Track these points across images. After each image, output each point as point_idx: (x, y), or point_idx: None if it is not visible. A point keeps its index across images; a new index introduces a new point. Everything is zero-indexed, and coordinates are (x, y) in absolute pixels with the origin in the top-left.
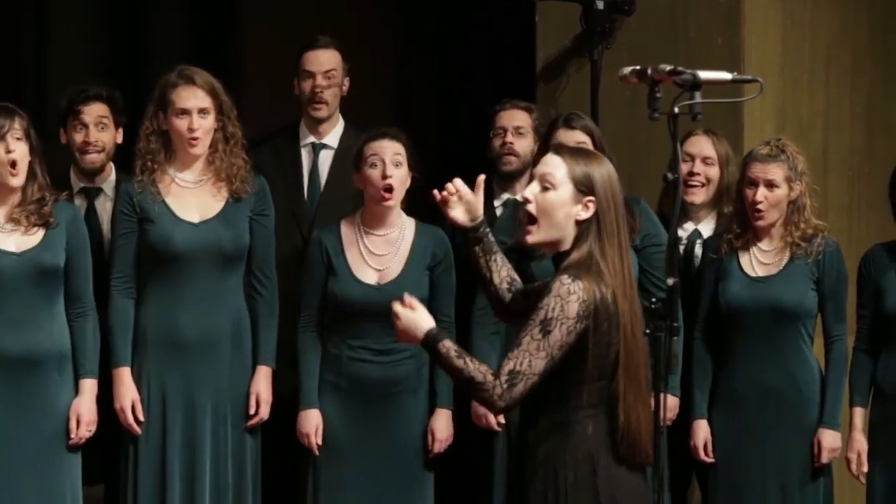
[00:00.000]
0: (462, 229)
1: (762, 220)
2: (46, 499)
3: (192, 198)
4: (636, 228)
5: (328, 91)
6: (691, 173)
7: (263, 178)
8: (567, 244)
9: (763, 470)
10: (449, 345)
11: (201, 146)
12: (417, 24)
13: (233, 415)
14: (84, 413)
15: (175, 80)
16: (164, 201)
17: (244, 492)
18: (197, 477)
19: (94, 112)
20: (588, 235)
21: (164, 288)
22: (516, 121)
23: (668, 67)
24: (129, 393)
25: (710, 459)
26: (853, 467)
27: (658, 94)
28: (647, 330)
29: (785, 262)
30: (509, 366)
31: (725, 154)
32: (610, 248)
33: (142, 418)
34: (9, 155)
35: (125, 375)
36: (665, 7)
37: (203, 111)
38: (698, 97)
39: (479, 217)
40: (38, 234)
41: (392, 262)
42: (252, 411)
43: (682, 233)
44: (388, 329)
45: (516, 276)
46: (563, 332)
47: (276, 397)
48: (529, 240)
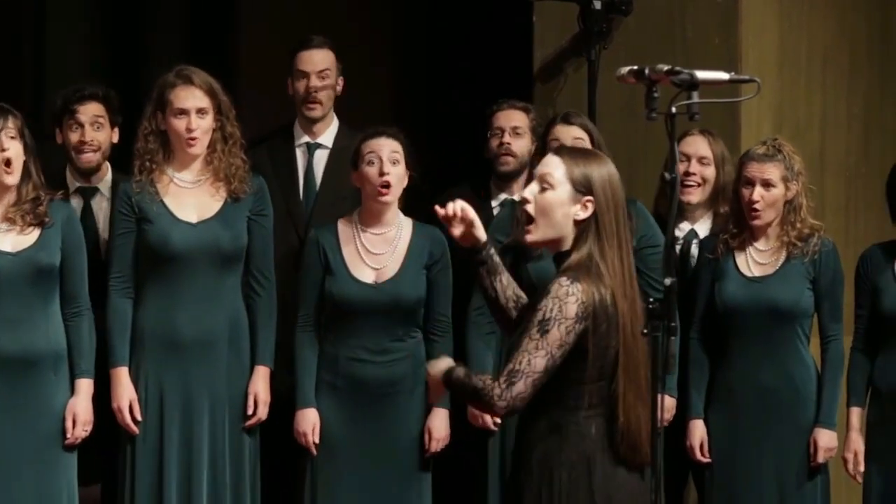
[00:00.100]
0: (466, 252)
1: (758, 219)
2: (42, 499)
3: (190, 198)
4: (633, 230)
5: (322, 91)
6: (687, 173)
7: (262, 178)
8: (567, 244)
9: (760, 470)
10: (460, 371)
11: (199, 146)
12: (415, 23)
13: (230, 415)
14: (80, 413)
15: (173, 80)
16: (162, 201)
17: (242, 492)
18: (194, 477)
19: (90, 111)
20: (587, 236)
21: (162, 288)
22: (513, 121)
23: (666, 67)
24: (126, 393)
25: (706, 459)
26: (850, 467)
27: (655, 94)
28: (644, 330)
29: (781, 261)
30: (508, 367)
31: (721, 154)
32: (609, 249)
33: (139, 418)
34: (3, 154)
35: (123, 375)
36: (662, 7)
37: (201, 111)
38: (696, 97)
39: (483, 239)
40: (34, 233)
41: (389, 261)
42: (250, 411)
43: (679, 233)
44: (384, 328)
45: (522, 294)
46: (561, 331)
47: (274, 397)
48: (528, 239)
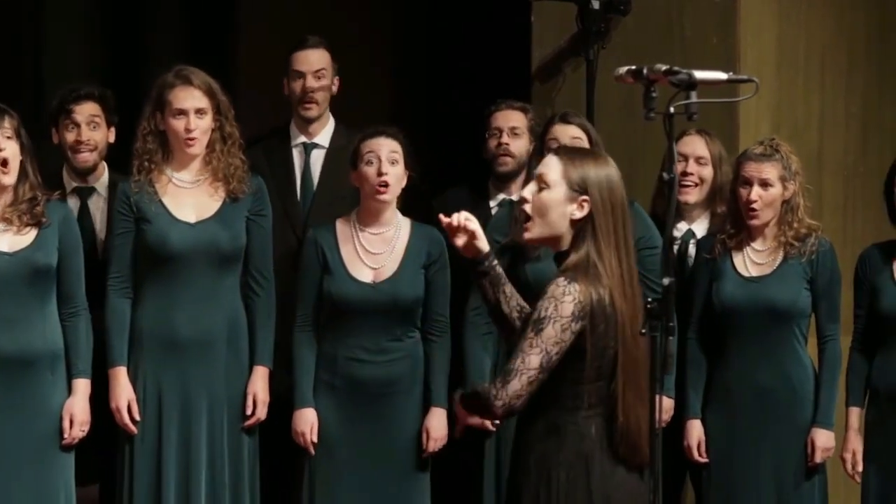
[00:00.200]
0: (468, 262)
1: (756, 219)
2: (40, 498)
3: (188, 198)
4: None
5: (319, 91)
6: (685, 173)
7: (261, 178)
8: (565, 244)
9: (757, 470)
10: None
11: (198, 146)
12: (413, 23)
13: (229, 415)
14: (77, 413)
15: (172, 81)
16: (160, 201)
17: (241, 492)
18: (192, 477)
19: (86, 111)
20: (585, 236)
21: (161, 288)
22: (512, 121)
23: (664, 67)
24: (125, 392)
25: (703, 459)
26: (848, 467)
27: (654, 94)
28: (642, 330)
29: (778, 261)
30: (505, 367)
31: (719, 154)
32: (606, 249)
33: (137, 418)
34: None
35: (121, 375)
36: (661, 7)
37: (200, 111)
38: (694, 97)
39: (485, 250)
40: (31, 233)
41: (387, 261)
42: (249, 411)
43: (676, 233)
44: (383, 328)
45: (525, 304)
46: (556, 329)
47: (273, 397)
48: (526, 236)
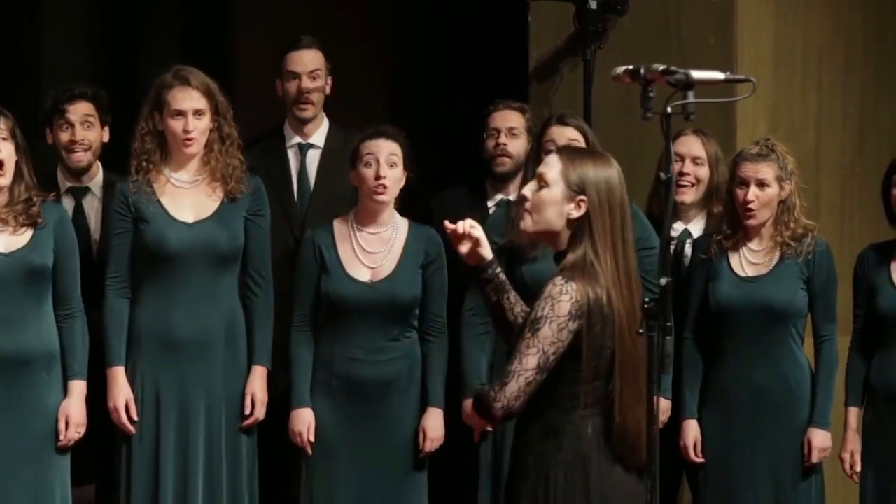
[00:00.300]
0: (471, 269)
1: (753, 219)
2: (36, 498)
3: (187, 198)
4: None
5: (314, 91)
6: (681, 173)
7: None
8: (563, 242)
9: (754, 470)
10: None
11: (196, 146)
12: (411, 23)
13: (227, 415)
14: (73, 415)
15: (171, 81)
16: (158, 201)
17: (239, 492)
18: (190, 477)
19: (80, 111)
20: (583, 235)
21: (159, 288)
22: (510, 122)
23: (661, 67)
24: (122, 392)
25: (699, 459)
26: (847, 467)
27: (651, 94)
28: (640, 330)
29: (775, 261)
30: (503, 369)
31: (715, 154)
32: (603, 249)
33: (135, 418)
34: None
35: (119, 375)
36: (658, 7)
37: (198, 112)
38: (691, 97)
39: (489, 257)
40: (27, 234)
41: (385, 260)
42: (247, 412)
43: (672, 233)
44: (380, 327)
45: (528, 309)
46: (552, 328)
47: (271, 397)
48: (522, 225)
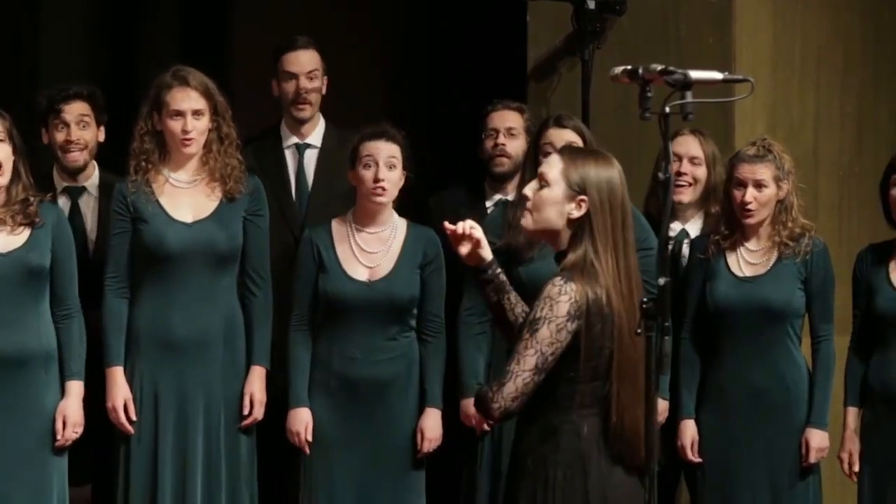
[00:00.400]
0: (471, 270)
1: (751, 218)
2: (33, 498)
3: (185, 198)
4: None
5: (312, 92)
6: (678, 173)
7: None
8: (564, 242)
9: (752, 470)
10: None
11: (195, 146)
12: (408, 23)
13: (226, 415)
14: (70, 415)
15: (169, 81)
16: (157, 201)
17: (238, 492)
18: (189, 477)
19: (75, 111)
20: (583, 235)
21: (158, 288)
22: (508, 122)
23: (660, 67)
24: (121, 392)
25: (696, 459)
26: (845, 467)
27: (649, 94)
28: (638, 330)
29: (773, 261)
30: (502, 369)
31: (712, 154)
32: (603, 249)
33: (134, 418)
34: None
35: (118, 375)
36: (656, 7)
37: (197, 113)
38: (689, 97)
39: (488, 258)
40: (24, 233)
41: (383, 260)
42: (246, 412)
43: (670, 233)
44: (378, 327)
45: (528, 309)
46: (551, 329)
47: (270, 397)
48: (523, 223)
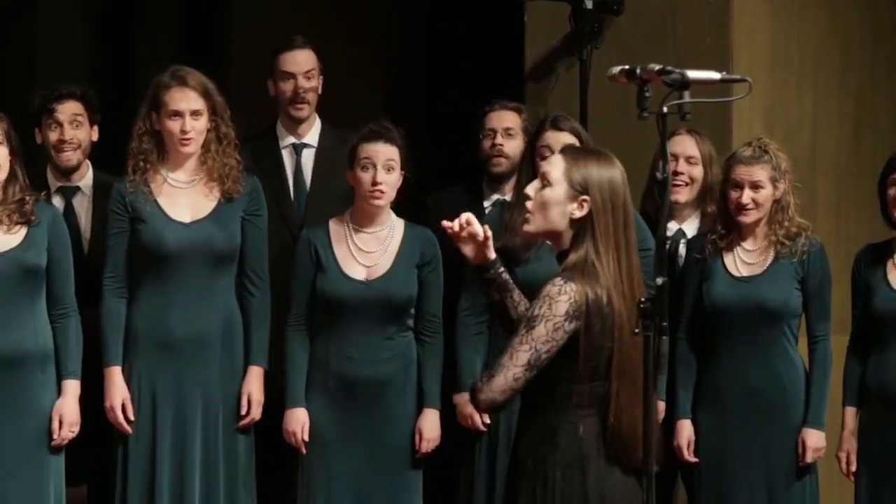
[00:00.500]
0: (475, 268)
1: (747, 217)
2: (30, 497)
3: (183, 198)
4: None
5: (310, 91)
6: (675, 173)
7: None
8: (566, 242)
9: (748, 470)
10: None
11: (193, 145)
12: (406, 23)
13: (224, 415)
14: (67, 414)
15: (168, 82)
16: (155, 201)
17: (236, 492)
18: (187, 477)
19: (68, 110)
20: (585, 235)
21: (156, 288)
22: (506, 122)
23: (657, 67)
24: (119, 392)
25: (693, 459)
26: (843, 467)
27: (647, 94)
28: (635, 330)
29: (769, 261)
30: (494, 361)
31: (709, 153)
32: (605, 249)
33: (132, 417)
34: None
35: (116, 374)
36: (654, 7)
37: (196, 113)
38: (687, 97)
39: (492, 257)
40: (20, 233)
41: (381, 259)
42: (244, 412)
43: (667, 233)
44: (375, 326)
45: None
46: (548, 327)
47: (268, 397)
48: (525, 227)
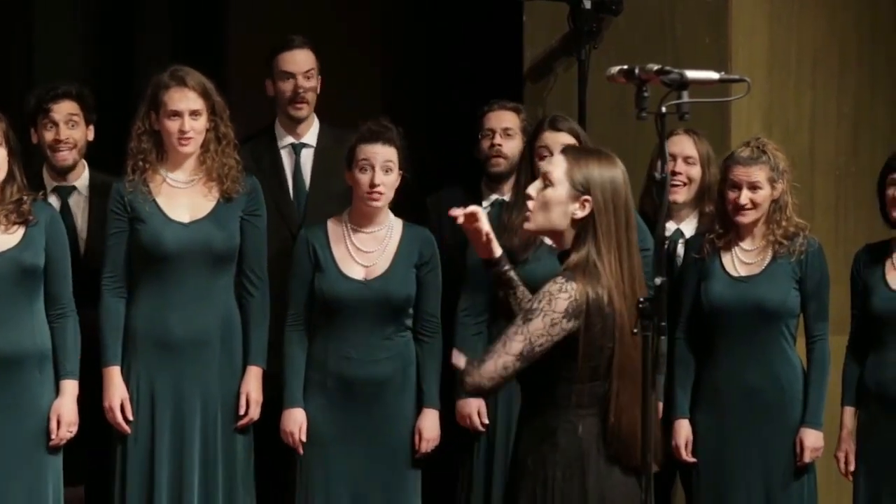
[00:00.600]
0: (483, 262)
1: (745, 218)
2: (29, 498)
3: (182, 198)
4: None
5: (309, 91)
6: (673, 172)
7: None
8: (567, 242)
9: (746, 470)
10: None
11: (192, 146)
12: (405, 23)
13: (223, 415)
14: (65, 414)
15: (167, 81)
16: (154, 201)
17: (234, 492)
18: (185, 477)
19: (64, 110)
20: (587, 235)
21: (155, 288)
22: (504, 122)
23: (656, 67)
24: (118, 392)
25: (690, 459)
26: (841, 466)
27: (645, 94)
28: (634, 330)
29: (767, 261)
30: (488, 347)
31: (707, 153)
32: (607, 249)
33: (131, 417)
34: None
35: (115, 374)
36: (653, 6)
37: (194, 113)
38: (686, 97)
39: (497, 253)
40: (18, 232)
41: (379, 259)
42: (242, 411)
43: (665, 233)
44: (374, 326)
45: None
46: (545, 322)
47: (267, 397)
48: (526, 226)
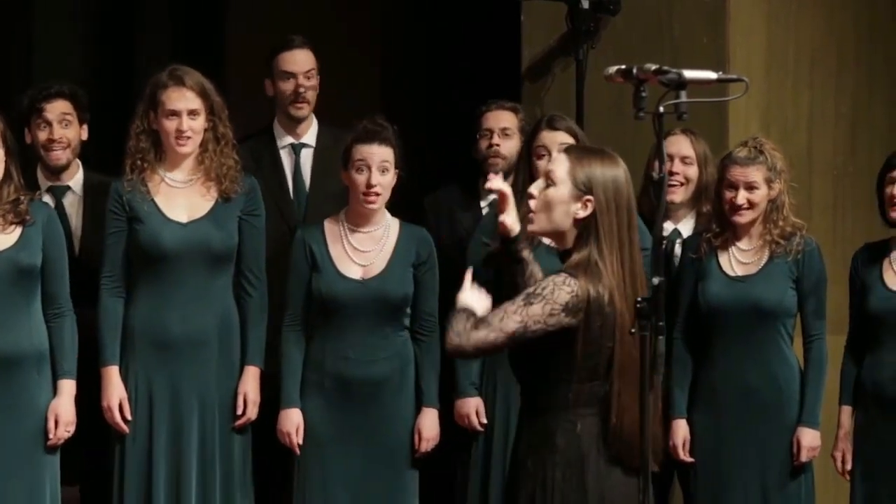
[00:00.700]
0: (500, 240)
1: (743, 218)
2: (27, 497)
3: (181, 197)
4: None
5: (310, 90)
6: (670, 173)
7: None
8: (569, 241)
9: (744, 469)
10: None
11: (190, 145)
12: (405, 23)
13: (220, 415)
14: (62, 413)
15: (165, 81)
16: (153, 200)
17: (232, 492)
18: (183, 477)
19: (57, 109)
20: (588, 235)
21: (153, 287)
22: (503, 122)
23: (654, 67)
24: (116, 392)
25: (688, 459)
26: (839, 466)
27: (643, 94)
28: (632, 329)
29: (764, 261)
30: (484, 316)
31: (704, 153)
32: (608, 249)
33: (129, 417)
34: None
35: (113, 374)
36: (651, 6)
37: (193, 113)
38: (684, 96)
39: (515, 231)
40: (15, 232)
41: (377, 259)
42: (240, 411)
43: (662, 232)
44: (371, 326)
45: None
46: (545, 310)
47: (265, 397)
48: (529, 228)
